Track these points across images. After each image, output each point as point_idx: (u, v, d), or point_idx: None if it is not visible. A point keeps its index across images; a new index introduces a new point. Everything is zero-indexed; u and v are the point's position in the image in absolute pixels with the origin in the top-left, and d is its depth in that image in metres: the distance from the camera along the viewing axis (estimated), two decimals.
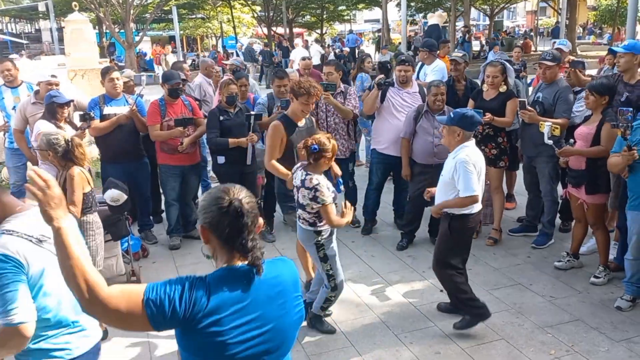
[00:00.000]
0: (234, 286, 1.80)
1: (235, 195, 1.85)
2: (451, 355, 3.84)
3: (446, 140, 4.00)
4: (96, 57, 11.36)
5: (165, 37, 39.47)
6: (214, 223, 1.83)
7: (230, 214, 1.81)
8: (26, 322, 2.07)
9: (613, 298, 4.45)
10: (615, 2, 29.77)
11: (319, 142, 3.78)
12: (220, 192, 1.86)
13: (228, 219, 1.81)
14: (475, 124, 3.95)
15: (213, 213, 1.83)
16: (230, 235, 1.82)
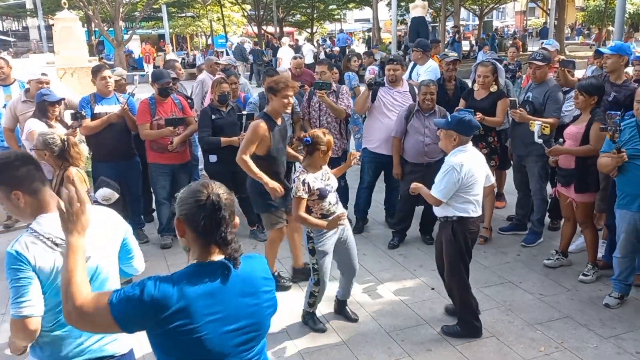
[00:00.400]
0: (204, 282, 1.82)
1: (213, 190, 1.88)
2: (442, 352, 3.87)
3: (443, 143, 4.00)
4: (86, 56, 11.25)
5: (155, 35, 39.27)
6: (190, 216, 1.85)
7: (207, 207, 1.83)
8: (32, 315, 2.10)
9: (601, 295, 4.51)
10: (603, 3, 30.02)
11: (313, 135, 3.89)
12: (199, 187, 1.89)
13: (205, 212, 1.83)
14: (473, 128, 3.90)
15: (190, 206, 1.86)
16: (206, 229, 1.84)
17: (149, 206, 6.53)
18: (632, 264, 4.36)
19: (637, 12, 31.40)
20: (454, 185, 3.78)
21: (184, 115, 5.75)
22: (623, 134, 4.11)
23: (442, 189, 3.82)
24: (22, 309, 2.09)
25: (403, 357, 3.83)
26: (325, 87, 5.69)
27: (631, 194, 4.11)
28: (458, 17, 26.96)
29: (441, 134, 4.00)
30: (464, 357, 3.80)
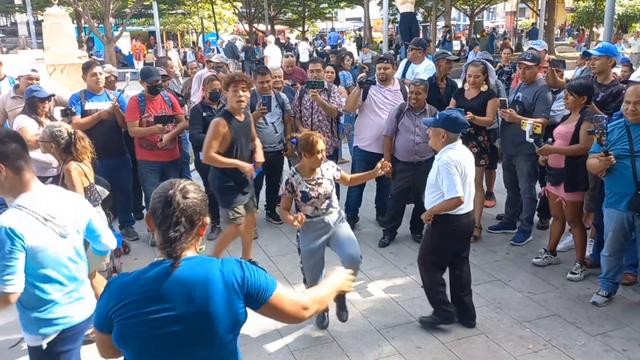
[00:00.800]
0: (149, 280, 1.84)
1: (179, 188, 1.87)
2: (432, 349, 3.90)
3: (432, 141, 4.02)
4: (75, 52, 11.20)
5: (145, 32, 39.07)
6: (151, 210, 1.89)
7: (162, 202, 1.84)
8: (16, 292, 2.34)
9: (589, 294, 4.56)
10: (592, 4, 30.25)
11: (299, 137, 3.98)
12: (168, 183, 1.91)
13: (160, 207, 1.84)
14: (461, 125, 3.92)
15: (153, 200, 1.88)
16: (160, 222, 1.85)
17: (139, 203, 6.50)
18: (620, 263, 4.41)
19: (625, 14, 31.66)
20: (459, 177, 3.79)
21: (174, 112, 5.73)
22: (612, 134, 4.15)
23: (453, 186, 3.77)
24: (8, 286, 2.31)
25: (393, 355, 3.85)
26: (318, 86, 5.69)
27: (619, 193, 4.15)
28: (449, 17, 27.06)
29: (430, 132, 4.03)
30: (453, 354, 3.83)
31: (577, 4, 34.86)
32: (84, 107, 5.49)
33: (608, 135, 4.15)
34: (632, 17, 32.48)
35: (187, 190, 1.87)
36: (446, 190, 3.80)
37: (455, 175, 3.78)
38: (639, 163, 4.00)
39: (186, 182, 1.93)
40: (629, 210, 4.11)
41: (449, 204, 3.82)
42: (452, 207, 3.83)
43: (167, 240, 1.83)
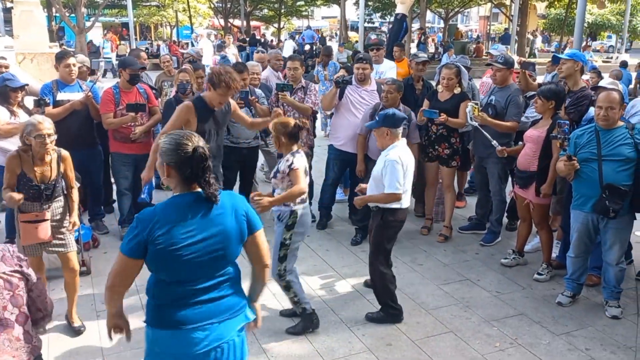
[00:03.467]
0: (179, 208, 2.28)
1: (196, 142, 2.30)
2: (401, 346, 3.95)
3: (379, 142, 4.20)
4: (46, 41, 10.95)
5: (118, 23, 38.43)
6: (179, 164, 2.27)
7: (195, 158, 2.26)
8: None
9: (555, 294, 4.67)
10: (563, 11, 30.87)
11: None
12: (182, 139, 2.29)
13: (192, 162, 2.26)
14: (400, 120, 4.13)
15: (178, 156, 2.27)
16: (193, 175, 2.28)
17: (110, 197, 6.41)
18: (585, 264, 4.53)
19: (595, 22, 32.41)
20: (401, 175, 3.99)
21: (149, 104, 5.67)
22: (581, 138, 4.27)
23: (394, 182, 3.97)
24: None
25: (363, 352, 3.89)
26: (287, 89, 5.72)
27: (585, 195, 4.27)
28: (424, 20, 27.33)
29: (376, 135, 4.19)
30: (422, 351, 3.88)
31: (548, 11, 35.52)
32: (56, 98, 5.39)
33: (578, 139, 4.27)
34: (601, 26, 33.27)
35: (201, 142, 2.33)
36: (388, 184, 4.00)
37: (400, 173, 3.99)
38: (605, 167, 4.11)
39: (194, 135, 2.34)
40: (593, 212, 4.23)
41: (387, 198, 4.04)
42: (388, 201, 4.07)
43: (209, 184, 2.28)
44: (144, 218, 2.26)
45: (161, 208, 2.29)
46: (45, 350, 3.84)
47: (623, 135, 4.12)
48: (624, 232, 4.28)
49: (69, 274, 4.15)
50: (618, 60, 19.27)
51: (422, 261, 5.34)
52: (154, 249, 2.21)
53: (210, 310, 2.33)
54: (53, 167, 3.98)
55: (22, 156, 3.89)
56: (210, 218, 2.30)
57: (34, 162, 3.91)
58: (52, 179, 3.97)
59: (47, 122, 3.84)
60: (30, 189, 3.89)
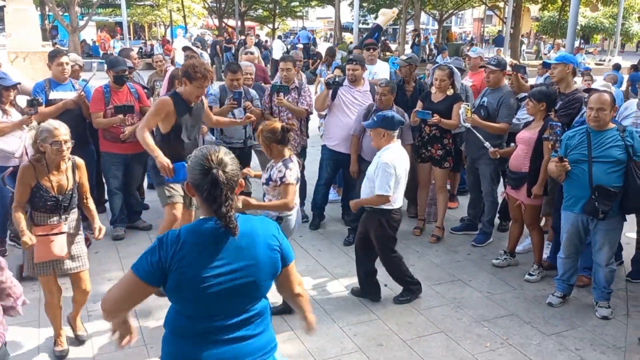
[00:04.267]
0: (205, 234, 2.04)
1: (216, 162, 2.03)
2: (393, 346, 3.96)
3: (375, 142, 4.33)
4: (39, 40, 10.90)
5: (112, 23, 38.30)
6: (196, 184, 2.06)
7: (208, 181, 2.01)
8: None
9: (545, 295, 4.70)
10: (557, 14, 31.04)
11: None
12: (205, 156, 2.05)
13: (206, 185, 2.02)
14: (398, 123, 4.26)
15: (196, 175, 2.05)
16: (208, 198, 2.03)
17: (101, 196, 6.39)
18: (575, 265, 4.56)
19: (588, 25, 32.60)
20: (393, 178, 4.14)
21: (140, 103, 5.66)
22: (573, 139, 4.30)
23: (384, 185, 4.14)
24: None
25: (355, 352, 3.89)
26: (283, 90, 5.73)
27: (575, 196, 4.30)
28: (418, 21, 27.41)
29: (371, 134, 4.31)
30: (414, 351, 3.90)
31: (542, 14, 35.70)
32: (49, 97, 5.37)
33: (569, 140, 4.31)
34: (594, 29, 33.48)
35: (225, 163, 2.05)
36: (378, 186, 4.15)
37: (392, 176, 4.13)
38: (595, 169, 4.14)
39: (220, 151, 2.07)
40: (583, 213, 4.26)
41: (377, 200, 4.20)
42: (378, 203, 4.23)
43: (222, 215, 1.99)
44: (167, 241, 2.02)
45: (186, 232, 2.04)
46: (34, 349, 3.85)
47: (614, 137, 4.15)
48: (613, 233, 4.31)
49: (81, 294, 3.87)
50: (611, 62, 19.39)
51: (414, 261, 5.35)
52: (176, 277, 1.98)
53: (237, 350, 2.09)
54: (69, 176, 3.69)
55: (37, 167, 3.58)
56: (240, 247, 2.05)
57: (49, 171, 3.61)
58: (69, 188, 3.68)
59: (63, 127, 3.58)
60: (47, 201, 3.58)
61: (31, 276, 3.81)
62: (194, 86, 4.33)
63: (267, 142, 3.92)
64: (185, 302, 2.06)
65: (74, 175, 3.73)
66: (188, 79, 4.32)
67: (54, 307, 3.76)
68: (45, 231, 3.59)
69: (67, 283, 3.94)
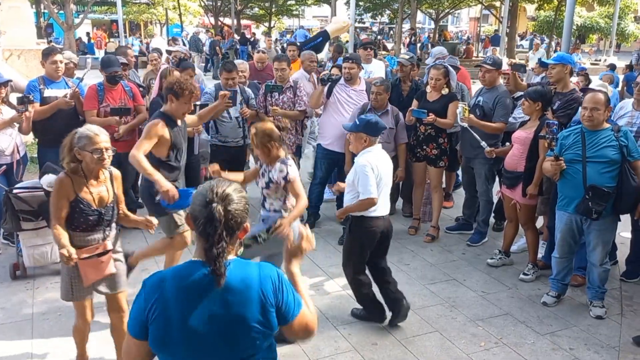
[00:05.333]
0: (188, 279, 1.82)
1: (220, 195, 1.82)
2: (387, 345, 3.96)
3: (354, 146, 4.07)
4: (34, 38, 10.87)
5: (107, 20, 38.17)
6: (193, 216, 1.85)
7: (206, 215, 1.80)
8: None
9: (540, 294, 4.70)
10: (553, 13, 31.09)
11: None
12: (209, 189, 1.84)
13: (202, 219, 1.81)
14: (380, 129, 4.04)
15: (195, 205, 1.84)
16: (202, 233, 1.82)
17: None
18: (569, 265, 4.57)
19: (584, 25, 32.66)
20: (373, 177, 3.87)
21: (135, 102, 5.64)
22: (567, 139, 4.31)
23: (368, 187, 3.86)
24: None
25: (349, 351, 3.89)
26: (276, 90, 5.72)
27: (569, 196, 4.30)
28: (414, 20, 27.40)
29: (351, 137, 4.07)
30: (408, 351, 3.90)
31: (538, 13, 35.74)
32: (43, 94, 5.34)
33: (564, 140, 4.31)
34: (590, 29, 33.53)
35: (230, 199, 1.82)
36: (362, 191, 3.88)
37: (370, 176, 3.86)
38: (589, 168, 4.15)
39: (229, 186, 1.86)
40: (576, 213, 4.26)
41: (362, 204, 3.90)
42: (365, 208, 3.92)
43: (210, 258, 1.78)
44: (149, 287, 1.84)
45: (172, 274, 1.85)
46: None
47: (608, 137, 4.16)
48: (607, 233, 4.32)
49: (117, 315, 3.46)
50: (606, 62, 19.43)
51: (408, 261, 5.36)
52: (158, 326, 1.80)
53: None
54: (108, 187, 3.33)
55: (74, 178, 3.20)
56: (225, 298, 1.81)
57: (88, 182, 3.24)
58: (110, 200, 3.32)
59: (103, 134, 3.22)
60: (88, 216, 3.20)
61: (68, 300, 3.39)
62: (181, 103, 4.08)
63: (264, 143, 3.73)
64: (170, 354, 1.85)
65: (112, 186, 3.36)
66: (175, 96, 4.06)
67: (85, 332, 3.49)
68: (91, 252, 3.22)
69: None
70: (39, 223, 4.64)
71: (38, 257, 4.69)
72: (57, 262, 4.80)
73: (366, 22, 43.60)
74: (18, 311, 4.30)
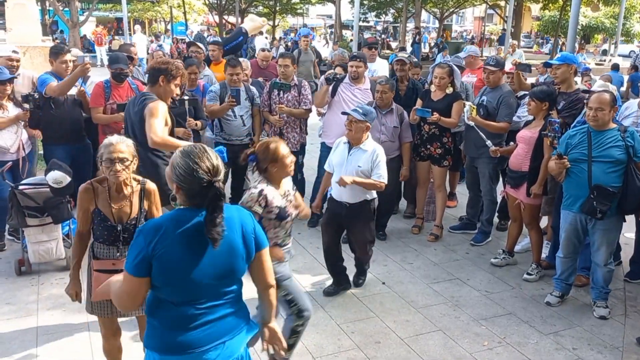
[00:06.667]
0: (186, 222, 2.11)
1: (212, 172, 2.09)
2: (390, 344, 3.96)
3: (356, 134, 4.36)
4: (39, 35, 10.90)
5: (112, 18, 38.27)
6: (190, 192, 2.11)
7: (210, 193, 2.08)
8: None
9: (543, 294, 4.70)
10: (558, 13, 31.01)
11: (259, 150, 3.31)
12: (196, 163, 2.08)
13: (206, 195, 2.07)
14: (373, 119, 4.48)
15: (191, 185, 2.09)
16: (202, 204, 2.09)
17: None
18: (574, 265, 4.56)
19: (589, 25, 32.58)
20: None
21: None
22: (573, 138, 4.30)
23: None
24: None
25: (352, 349, 3.90)
26: (284, 88, 5.72)
27: (574, 195, 4.30)
28: (419, 19, 27.38)
29: (354, 127, 4.35)
30: (411, 349, 3.90)
31: (543, 13, 35.66)
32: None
33: (570, 139, 4.31)
34: (595, 29, 33.46)
35: (219, 170, 2.13)
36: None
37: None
38: (594, 168, 4.14)
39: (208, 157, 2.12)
40: (581, 212, 4.26)
41: (375, 185, 4.35)
42: (375, 189, 4.41)
43: (214, 225, 2.06)
44: (147, 231, 2.10)
45: (166, 220, 2.13)
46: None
47: (615, 137, 4.15)
48: (611, 233, 4.31)
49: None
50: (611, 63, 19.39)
51: (412, 260, 5.36)
52: (159, 265, 2.07)
53: (220, 329, 2.22)
54: (134, 202, 3.08)
55: (97, 189, 3.04)
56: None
57: (110, 195, 3.06)
58: (132, 217, 3.08)
59: (123, 143, 2.98)
60: (104, 230, 3.05)
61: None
62: (173, 84, 4.07)
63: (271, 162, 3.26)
64: (169, 288, 2.13)
65: (140, 202, 3.10)
66: (167, 78, 4.01)
67: (115, 350, 3.28)
68: (104, 266, 3.03)
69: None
70: (44, 219, 4.66)
71: (43, 253, 4.71)
72: (62, 258, 4.83)
73: (370, 21, 43.53)
74: (23, 307, 4.32)
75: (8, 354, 3.72)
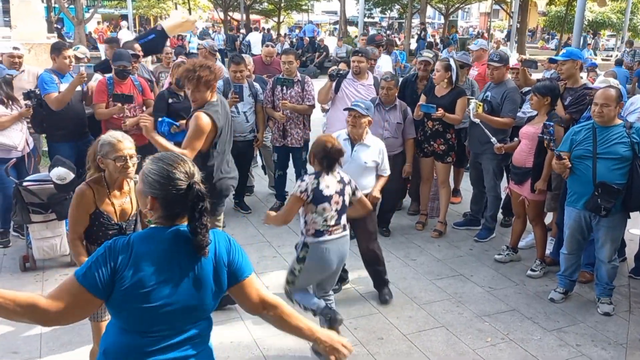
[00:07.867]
0: (158, 243, 1.89)
1: (191, 175, 1.91)
2: (393, 340, 3.96)
3: (358, 129, 4.38)
4: (44, 32, 10.91)
5: (117, 15, 38.29)
6: (167, 201, 1.89)
7: (190, 198, 1.87)
8: None
9: (547, 290, 4.69)
10: (564, 9, 30.85)
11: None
12: (174, 170, 1.89)
13: (186, 201, 1.88)
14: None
15: (167, 192, 1.88)
16: (183, 212, 1.90)
17: None
18: (578, 261, 4.55)
19: (595, 20, 32.39)
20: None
21: (144, 97, 5.66)
22: (578, 135, 4.28)
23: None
24: None
25: (355, 345, 3.89)
26: (287, 84, 5.72)
27: (578, 192, 4.28)
28: (424, 15, 27.28)
29: (357, 122, 4.35)
30: (414, 345, 3.90)
31: (549, 9, 35.47)
32: (60, 89, 5.39)
33: (575, 135, 4.28)
34: (601, 24, 33.26)
35: (195, 172, 1.94)
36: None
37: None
38: (599, 165, 4.12)
39: (184, 164, 1.93)
40: (585, 209, 4.24)
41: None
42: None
43: (199, 232, 1.87)
44: (115, 248, 1.86)
45: (137, 240, 1.89)
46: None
47: (620, 133, 4.12)
48: (616, 230, 4.29)
49: None
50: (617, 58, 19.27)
51: (415, 256, 5.35)
52: (123, 288, 1.82)
53: None
54: (132, 198, 3.09)
55: (96, 189, 2.98)
56: (190, 262, 1.91)
57: (110, 193, 3.03)
58: (132, 213, 3.10)
59: (127, 140, 2.98)
60: (108, 230, 3.00)
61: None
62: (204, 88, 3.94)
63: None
64: (124, 314, 1.88)
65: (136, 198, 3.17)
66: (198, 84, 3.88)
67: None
68: None
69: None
70: (48, 215, 4.69)
71: (47, 250, 4.73)
72: (66, 254, 4.86)
73: (375, 17, 43.40)
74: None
75: (12, 350, 3.74)
